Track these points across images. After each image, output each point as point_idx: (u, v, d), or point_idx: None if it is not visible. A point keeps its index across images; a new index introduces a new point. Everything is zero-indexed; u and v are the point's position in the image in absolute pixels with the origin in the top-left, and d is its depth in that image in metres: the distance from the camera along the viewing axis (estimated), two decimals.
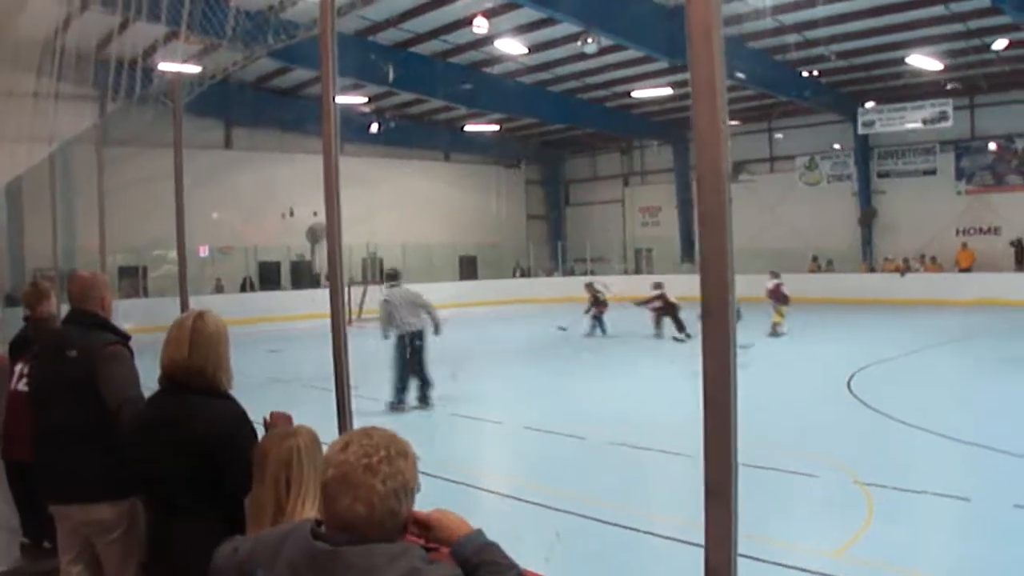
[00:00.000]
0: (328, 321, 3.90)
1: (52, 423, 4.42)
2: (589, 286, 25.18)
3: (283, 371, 16.64)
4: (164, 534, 3.63)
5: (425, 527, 2.33)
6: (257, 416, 3.64)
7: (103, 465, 4.21)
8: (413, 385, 13.97)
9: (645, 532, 7.63)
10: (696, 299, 2.21)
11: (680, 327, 22.00)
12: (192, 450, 3.45)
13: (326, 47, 3.65)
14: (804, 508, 8.32)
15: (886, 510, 7.98)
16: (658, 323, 23.19)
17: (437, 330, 14.33)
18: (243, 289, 34.09)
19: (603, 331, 24.35)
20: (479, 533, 2.31)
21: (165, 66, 7.28)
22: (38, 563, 5.56)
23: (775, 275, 23.17)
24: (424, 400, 13.96)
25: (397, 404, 13.59)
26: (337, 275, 3.81)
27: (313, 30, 3.39)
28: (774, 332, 22.10)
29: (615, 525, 7.81)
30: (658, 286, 23.50)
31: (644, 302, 23.75)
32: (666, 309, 22.99)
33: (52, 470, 4.39)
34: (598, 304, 24.55)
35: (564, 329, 24.02)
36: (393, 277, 16.12)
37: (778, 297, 22.57)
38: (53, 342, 4.71)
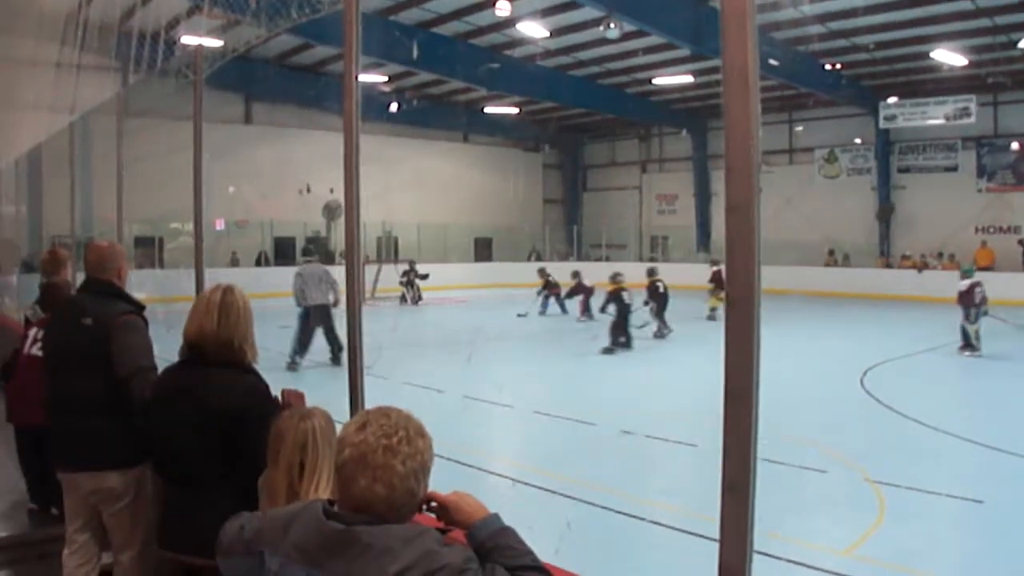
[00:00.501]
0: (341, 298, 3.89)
1: (64, 390, 4.41)
2: (541, 271, 27.84)
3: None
4: (178, 506, 3.63)
5: (442, 509, 2.32)
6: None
7: (113, 433, 4.22)
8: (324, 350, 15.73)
9: (651, 521, 7.63)
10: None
11: (586, 310, 24.63)
12: (212, 423, 3.45)
13: (350, 23, 3.61)
14: (813, 504, 8.26)
15: (897, 509, 7.93)
16: (584, 309, 24.96)
17: (336, 304, 15.60)
18: (258, 263, 34.15)
19: (563, 310, 26.41)
20: (496, 517, 2.30)
21: (188, 39, 7.24)
22: (45, 529, 5.58)
23: (715, 263, 24.18)
24: (336, 361, 15.46)
25: (292, 364, 15.15)
26: (354, 255, 3.77)
27: (338, 4, 3.34)
28: (712, 317, 23.12)
29: (623, 513, 7.81)
30: (576, 274, 26.24)
31: (570, 293, 26.15)
32: (587, 295, 25.00)
33: (63, 438, 4.39)
34: (550, 287, 26.90)
35: (524, 315, 25.42)
36: (308, 253, 19.34)
37: (719, 283, 22.99)
38: (68, 310, 4.71)
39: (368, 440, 2.08)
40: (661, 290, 20.27)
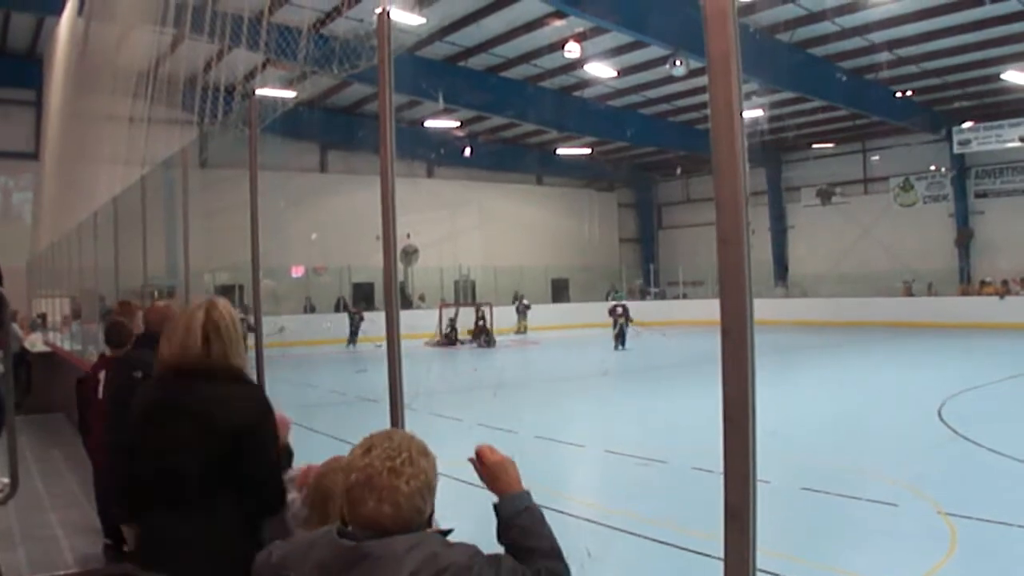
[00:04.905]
0: (418, 341, 3.96)
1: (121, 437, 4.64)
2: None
3: (371, 391, 16.86)
4: (168, 532, 3.17)
5: (483, 463, 2.45)
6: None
7: None
8: None
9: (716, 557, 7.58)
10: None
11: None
12: (215, 439, 3.11)
13: (383, 75, 3.76)
14: (881, 538, 8.10)
15: (970, 543, 7.72)
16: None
17: None
18: (337, 309, 34.69)
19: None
20: (526, 495, 2.41)
21: (261, 91, 7.56)
22: (117, 564, 5.78)
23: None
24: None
25: None
26: (393, 298, 3.88)
27: (373, 60, 3.51)
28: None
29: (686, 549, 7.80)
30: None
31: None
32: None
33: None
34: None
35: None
36: None
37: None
38: (123, 363, 5.06)
39: (373, 463, 2.19)
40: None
